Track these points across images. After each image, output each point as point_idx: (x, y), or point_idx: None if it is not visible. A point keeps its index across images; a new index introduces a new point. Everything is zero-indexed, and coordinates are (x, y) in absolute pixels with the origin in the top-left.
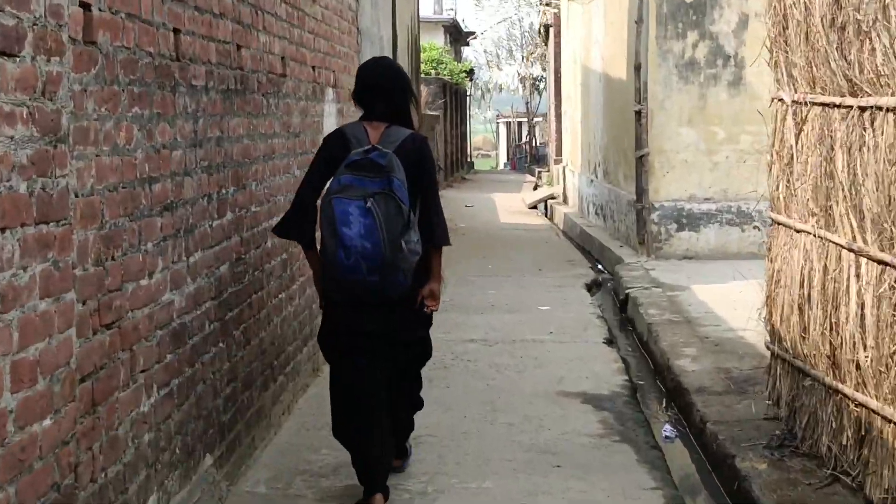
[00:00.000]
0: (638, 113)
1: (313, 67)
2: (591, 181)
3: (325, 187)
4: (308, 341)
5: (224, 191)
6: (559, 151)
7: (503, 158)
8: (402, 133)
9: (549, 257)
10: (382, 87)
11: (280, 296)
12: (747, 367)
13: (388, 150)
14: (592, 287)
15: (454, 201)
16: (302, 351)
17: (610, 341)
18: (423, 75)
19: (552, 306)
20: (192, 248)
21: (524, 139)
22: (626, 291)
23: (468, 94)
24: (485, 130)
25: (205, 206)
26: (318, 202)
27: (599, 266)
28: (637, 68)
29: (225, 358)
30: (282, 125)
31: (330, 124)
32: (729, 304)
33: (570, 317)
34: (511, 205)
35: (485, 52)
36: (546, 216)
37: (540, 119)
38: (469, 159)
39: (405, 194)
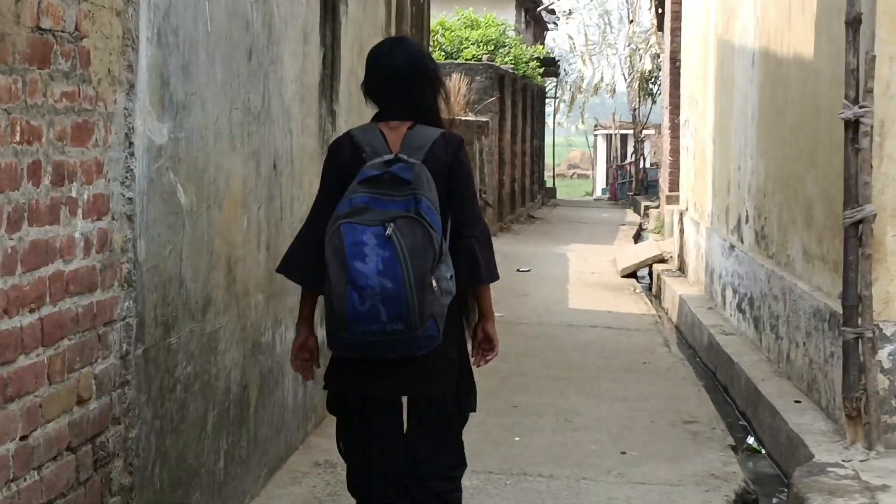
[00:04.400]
0: (853, 126)
1: None
2: (731, 248)
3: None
4: None
5: None
6: (674, 185)
7: (601, 183)
8: (431, 135)
9: (646, 410)
10: (402, 78)
11: None
12: None
13: (414, 159)
14: None
15: (504, 261)
16: None
17: None
18: (470, 60)
19: None
20: None
21: (628, 158)
22: None
23: (555, 95)
24: (585, 145)
25: None
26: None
27: (750, 439)
28: (853, 24)
29: None
30: None
31: None
32: None
33: None
34: (594, 268)
35: (569, 37)
36: (650, 291)
37: (651, 132)
38: (545, 185)
39: (436, 218)
